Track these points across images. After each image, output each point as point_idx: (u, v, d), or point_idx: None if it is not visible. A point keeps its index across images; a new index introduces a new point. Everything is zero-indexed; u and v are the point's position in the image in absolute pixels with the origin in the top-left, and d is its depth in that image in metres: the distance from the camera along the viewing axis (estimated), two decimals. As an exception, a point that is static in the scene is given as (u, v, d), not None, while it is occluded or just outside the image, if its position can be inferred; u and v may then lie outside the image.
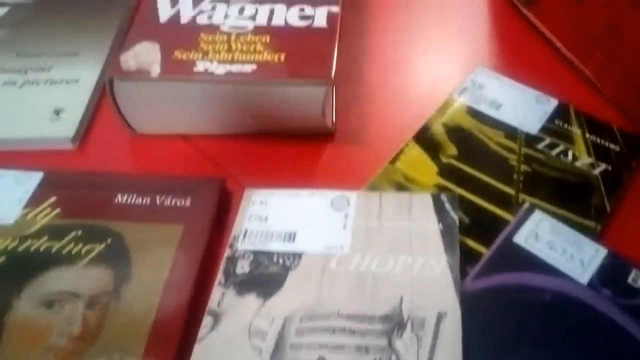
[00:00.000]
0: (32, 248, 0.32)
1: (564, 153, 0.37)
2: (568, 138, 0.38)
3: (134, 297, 0.30)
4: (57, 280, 0.31)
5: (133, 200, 0.35)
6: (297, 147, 0.40)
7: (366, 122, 0.41)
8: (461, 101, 0.41)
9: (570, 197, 0.35)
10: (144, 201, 0.35)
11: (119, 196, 0.35)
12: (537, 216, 0.33)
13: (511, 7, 0.50)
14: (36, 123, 0.40)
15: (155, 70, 0.37)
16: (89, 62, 0.45)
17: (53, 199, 0.35)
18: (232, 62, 0.37)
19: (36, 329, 0.28)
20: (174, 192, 0.35)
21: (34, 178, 0.36)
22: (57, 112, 0.41)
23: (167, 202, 0.35)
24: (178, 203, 0.35)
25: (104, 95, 0.43)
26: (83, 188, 0.35)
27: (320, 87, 0.36)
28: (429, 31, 0.49)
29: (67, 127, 0.40)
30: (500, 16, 0.50)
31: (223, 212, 0.35)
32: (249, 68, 0.37)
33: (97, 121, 0.42)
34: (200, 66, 0.37)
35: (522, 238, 0.32)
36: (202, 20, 0.40)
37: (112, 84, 0.37)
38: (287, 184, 0.36)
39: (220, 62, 0.37)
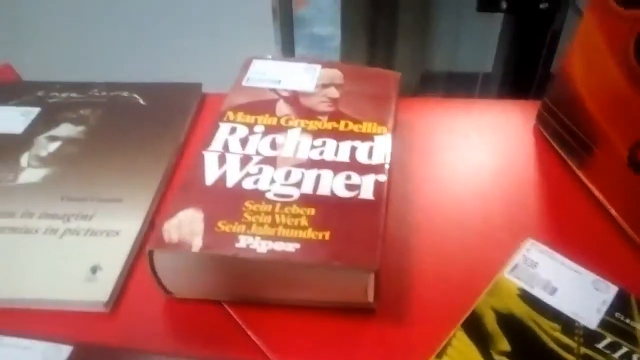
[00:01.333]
0: None
1: (628, 357, 0.34)
2: (631, 337, 0.35)
3: None
4: None
5: (163, 387, 0.33)
6: (334, 322, 0.38)
7: (409, 299, 0.39)
8: (512, 282, 0.39)
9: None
10: (174, 389, 0.33)
11: (149, 381, 0.33)
12: None
13: (561, 166, 0.49)
14: (71, 283, 0.39)
15: (197, 243, 0.36)
16: (131, 212, 0.44)
17: (81, 380, 0.33)
18: (275, 238, 0.36)
19: None
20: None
21: (64, 352, 0.35)
22: (94, 271, 0.40)
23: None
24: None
25: (141, 253, 0.42)
26: (112, 367, 0.34)
27: (365, 273, 0.35)
28: (476, 199, 0.47)
29: (102, 290, 0.39)
30: (551, 178, 0.49)
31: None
32: (292, 247, 0.35)
33: (133, 279, 0.41)
34: (242, 241, 0.36)
35: None
36: (248, 184, 0.40)
37: (152, 255, 0.36)
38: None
39: (263, 238, 0.36)
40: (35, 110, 0.56)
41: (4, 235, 0.43)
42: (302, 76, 0.51)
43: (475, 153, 0.52)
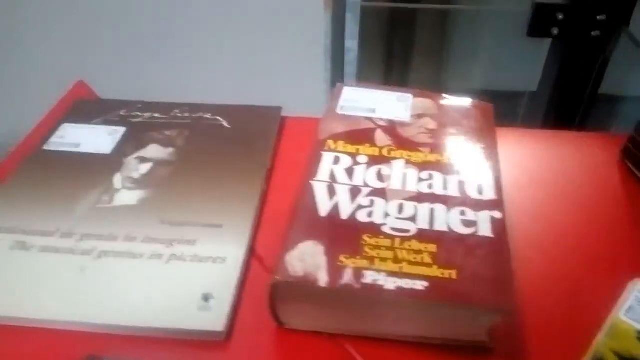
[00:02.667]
0: None
1: None
2: None
3: None
4: None
5: None
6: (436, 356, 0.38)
7: (523, 338, 0.39)
8: (629, 324, 0.38)
9: None
10: None
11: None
12: None
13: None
14: (185, 311, 0.39)
15: (323, 278, 0.36)
16: (233, 238, 0.44)
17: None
18: (401, 275, 0.36)
19: None
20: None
21: (190, 384, 0.34)
22: (206, 299, 0.40)
23: None
24: None
25: (246, 280, 0.42)
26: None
27: (497, 314, 0.35)
28: (576, 236, 0.47)
29: (217, 319, 0.39)
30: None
31: None
32: (420, 285, 0.35)
33: (241, 307, 0.41)
34: (368, 278, 0.36)
35: None
36: (362, 217, 0.40)
37: (276, 287, 0.36)
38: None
39: (388, 274, 0.36)
40: (121, 130, 0.56)
41: (109, 259, 0.43)
42: (395, 105, 0.51)
43: (566, 186, 0.52)
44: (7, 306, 0.39)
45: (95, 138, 0.55)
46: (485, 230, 0.39)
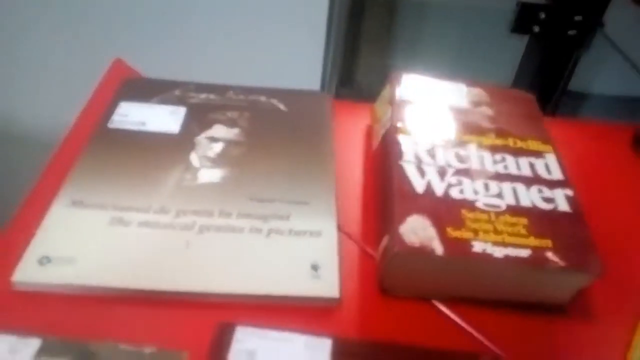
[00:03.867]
0: None
1: None
2: None
3: None
4: None
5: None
6: (529, 317, 0.43)
7: (599, 300, 0.45)
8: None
9: None
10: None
11: (413, 371, 0.37)
12: None
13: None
14: (298, 280, 0.42)
15: (438, 248, 0.40)
16: (321, 214, 0.47)
17: (353, 370, 0.36)
18: (505, 245, 0.40)
19: None
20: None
21: (325, 345, 0.37)
22: (315, 268, 0.43)
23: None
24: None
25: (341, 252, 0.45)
26: (374, 358, 0.37)
27: (590, 276, 0.40)
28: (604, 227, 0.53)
29: (330, 286, 0.42)
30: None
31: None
32: (524, 253, 0.40)
33: (343, 278, 0.44)
34: (477, 247, 0.40)
35: None
36: (455, 194, 0.44)
37: (394, 256, 0.40)
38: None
39: (494, 244, 0.40)
40: (182, 110, 0.57)
41: (211, 233, 0.44)
42: (452, 93, 0.56)
43: (578, 175, 0.58)
44: (129, 278, 0.40)
45: (158, 117, 0.56)
46: (563, 206, 0.44)
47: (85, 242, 0.42)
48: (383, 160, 0.50)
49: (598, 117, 1.36)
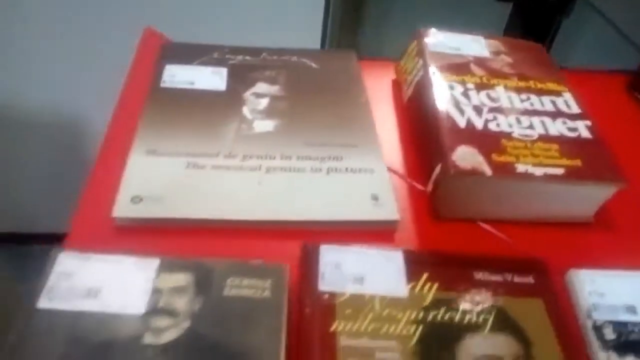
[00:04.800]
0: (438, 318, 0.39)
1: None
2: None
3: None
4: (475, 345, 0.37)
5: (487, 277, 0.42)
6: (561, 232, 0.49)
7: (617, 216, 0.51)
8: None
9: None
10: (496, 277, 0.42)
11: (475, 273, 0.42)
12: None
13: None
14: (362, 207, 0.47)
15: (487, 170, 0.45)
16: (370, 155, 0.52)
17: (425, 275, 0.41)
18: (542, 165, 0.46)
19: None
20: (517, 270, 0.43)
21: (398, 258, 0.43)
22: (375, 198, 0.48)
23: (514, 279, 0.42)
24: (522, 280, 0.43)
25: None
26: (442, 265, 0.42)
27: (617, 186, 0.46)
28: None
29: (390, 211, 0.47)
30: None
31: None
32: (560, 171, 0.46)
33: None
34: (521, 168, 0.46)
35: None
36: (493, 127, 0.50)
37: (446, 180, 0.45)
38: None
39: (534, 165, 0.46)
40: (223, 71, 0.61)
41: (277, 173, 0.49)
42: (473, 44, 0.61)
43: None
44: (215, 210, 0.45)
45: (203, 77, 0.59)
46: (585, 134, 0.50)
47: (169, 184, 0.46)
48: (420, 105, 0.55)
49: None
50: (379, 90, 0.64)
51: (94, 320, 0.34)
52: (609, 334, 0.39)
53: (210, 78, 0.60)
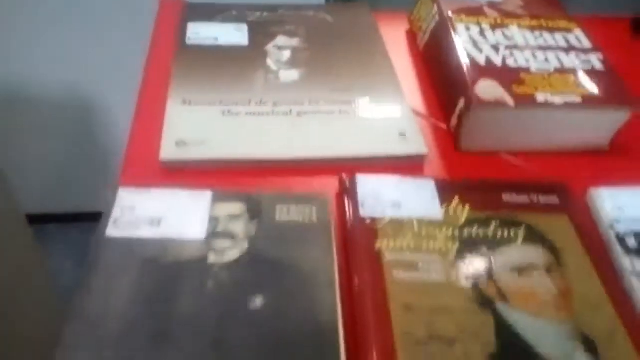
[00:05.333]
0: (473, 234, 0.42)
1: None
2: None
3: (572, 267, 0.40)
4: (510, 256, 0.40)
5: (514, 199, 0.45)
6: (578, 160, 0.52)
7: (630, 143, 0.54)
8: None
9: None
10: (523, 198, 0.45)
11: (503, 195, 0.45)
12: None
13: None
14: (391, 143, 0.50)
15: (510, 101, 0.48)
16: (394, 98, 0.55)
17: (457, 198, 0.44)
18: (561, 94, 0.49)
19: (526, 290, 0.38)
20: (541, 191, 0.46)
21: (430, 185, 0.45)
22: (402, 134, 0.51)
23: (539, 199, 0.45)
24: (547, 200, 0.45)
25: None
26: (471, 190, 0.45)
27: (632, 110, 0.49)
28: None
29: (418, 146, 0.50)
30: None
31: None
32: (577, 99, 0.49)
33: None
34: (541, 98, 0.48)
35: None
36: (511, 63, 0.52)
37: (470, 112, 0.48)
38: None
39: (552, 94, 0.49)
40: (244, 27, 0.63)
41: (308, 116, 0.52)
42: (485, -11, 0.63)
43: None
44: (256, 151, 0.48)
45: (227, 33, 0.62)
46: (598, 66, 0.53)
47: (209, 129, 0.49)
48: (438, 49, 0.57)
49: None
50: (393, 42, 0.66)
51: (160, 245, 0.37)
52: (632, 243, 0.43)
53: (232, 34, 0.62)
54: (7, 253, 0.90)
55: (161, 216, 0.39)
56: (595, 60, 0.54)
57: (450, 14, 0.58)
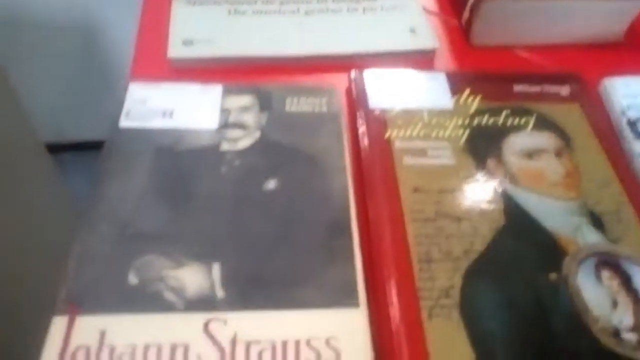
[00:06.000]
0: (483, 122, 0.42)
1: None
2: None
3: (582, 151, 0.40)
4: (519, 141, 0.41)
5: (526, 89, 0.45)
6: (592, 52, 0.51)
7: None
8: None
9: None
10: (534, 89, 0.45)
11: (515, 86, 0.45)
12: None
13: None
14: (402, 39, 0.49)
15: (521, -14, 0.47)
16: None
17: (468, 90, 0.44)
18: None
19: (535, 172, 0.39)
20: (554, 82, 0.45)
21: (440, 77, 0.45)
22: (412, 30, 0.50)
23: (551, 89, 0.45)
24: (559, 90, 0.45)
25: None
26: (482, 81, 0.45)
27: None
28: None
29: (427, 40, 0.49)
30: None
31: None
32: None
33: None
34: (555, -16, 0.47)
35: None
36: None
37: (482, 3, 0.47)
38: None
39: (568, -18, 0.47)
40: None
41: (315, 14, 0.51)
42: None
43: None
44: (263, 48, 0.47)
45: None
46: None
47: (214, 28, 0.48)
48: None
49: None
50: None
51: (173, 135, 0.37)
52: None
53: None
54: (27, 181, 0.91)
55: (173, 108, 0.39)
56: None
57: None
